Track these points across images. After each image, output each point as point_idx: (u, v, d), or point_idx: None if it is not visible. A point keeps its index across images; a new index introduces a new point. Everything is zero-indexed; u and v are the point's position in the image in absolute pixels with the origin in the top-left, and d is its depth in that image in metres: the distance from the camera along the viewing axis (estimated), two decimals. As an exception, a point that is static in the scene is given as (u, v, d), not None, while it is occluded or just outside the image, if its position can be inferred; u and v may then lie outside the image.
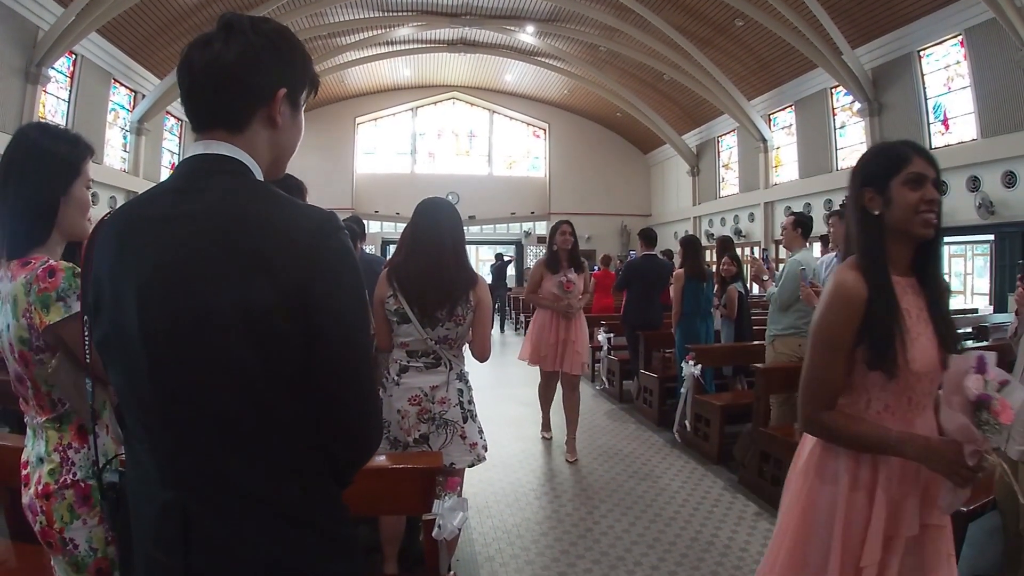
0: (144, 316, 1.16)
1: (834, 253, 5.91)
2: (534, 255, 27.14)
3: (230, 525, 1.17)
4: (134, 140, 16.22)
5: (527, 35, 19.48)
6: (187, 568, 1.16)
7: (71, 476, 1.84)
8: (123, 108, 15.94)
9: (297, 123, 1.38)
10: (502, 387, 9.57)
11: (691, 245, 7.37)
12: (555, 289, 5.87)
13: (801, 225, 5.76)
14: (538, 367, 6.25)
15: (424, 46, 21.11)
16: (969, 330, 8.54)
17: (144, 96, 16.17)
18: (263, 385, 1.16)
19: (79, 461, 1.86)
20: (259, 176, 1.29)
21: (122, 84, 15.61)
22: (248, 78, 1.25)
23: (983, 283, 13.09)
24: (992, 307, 11.90)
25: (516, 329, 17.74)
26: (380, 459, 2.65)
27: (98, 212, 1.78)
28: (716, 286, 7.46)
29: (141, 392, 1.19)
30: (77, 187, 1.91)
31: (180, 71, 1.27)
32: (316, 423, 1.23)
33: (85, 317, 1.36)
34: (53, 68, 12.73)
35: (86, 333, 1.40)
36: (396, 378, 3.20)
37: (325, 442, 1.25)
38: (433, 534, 2.46)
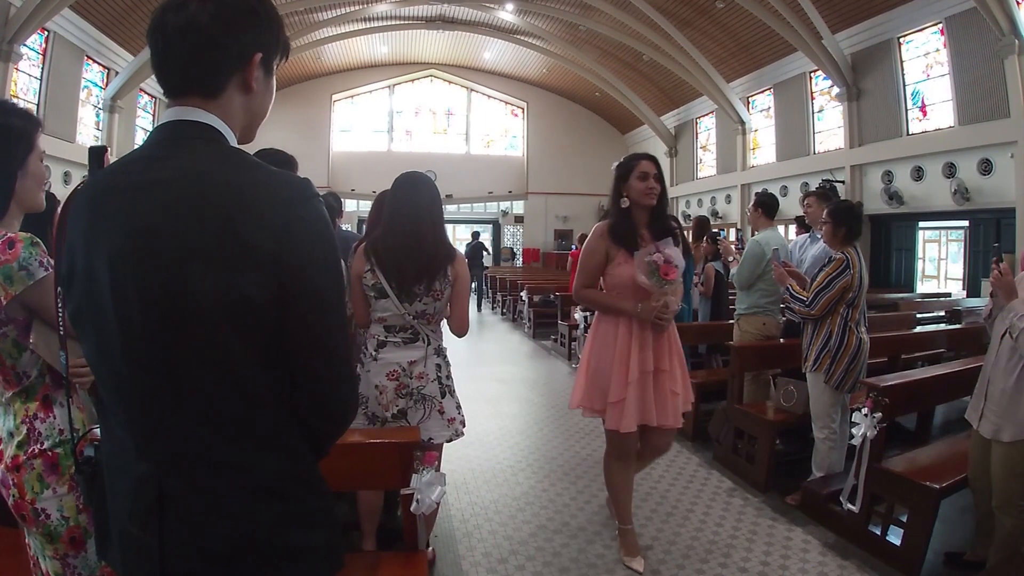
0: (116, 287, 1.14)
1: (808, 234, 5.94)
2: (511, 234, 27.09)
3: (205, 497, 1.17)
4: (107, 118, 15.89)
5: (506, 13, 19.34)
6: (162, 542, 1.15)
7: (38, 446, 1.84)
8: (96, 85, 15.60)
9: (270, 88, 1.36)
10: (480, 364, 9.59)
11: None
12: (644, 278, 3.27)
13: (763, 206, 5.78)
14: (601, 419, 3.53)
15: (402, 23, 20.90)
16: (942, 313, 8.67)
17: (117, 73, 15.85)
18: (238, 356, 1.15)
19: (45, 431, 1.86)
20: (233, 143, 1.27)
21: (95, 61, 15.28)
22: (224, 42, 1.22)
23: (957, 268, 13.29)
24: (965, 292, 12.11)
25: (493, 308, 17.67)
26: (358, 435, 2.65)
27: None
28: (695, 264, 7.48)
29: (115, 365, 1.17)
30: (33, 160, 1.91)
31: (152, 34, 1.23)
32: (292, 395, 1.22)
33: (59, 289, 1.33)
34: (25, 45, 12.40)
35: (60, 306, 1.37)
36: (374, 353, 3.18)
37: (301, 414, 1.24)
38: (411, 508, 2.47)
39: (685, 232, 7.25)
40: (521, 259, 26.74)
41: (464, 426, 3.33)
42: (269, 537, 1.20)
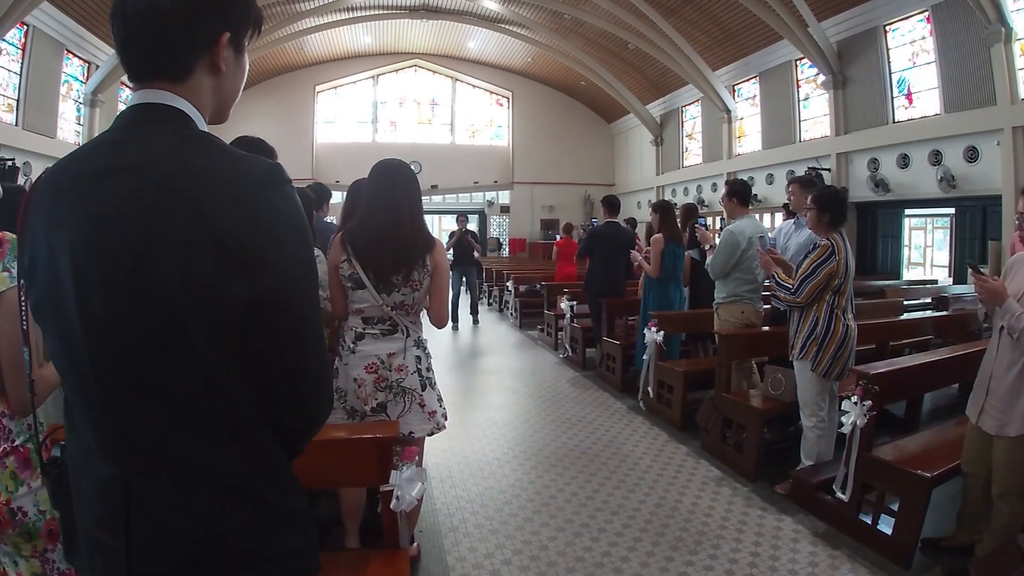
0: (78, 278, 1.09)
1: (792, 220, 5.90)
2: (497, 224, 27.07)
3: (173, 500, 1.12)
4: (88, 112, 15.59)
5: (490, 1, 19.26)
6: (129, 547, 1.11)
7: (9, 444, 1.83)
8: (76, 80, 15.35)
9: (241, 67, 1.30)
10: (465, 354, 9.55)
11: (666, 210, 7.29)
12: None
13: (736, 194, 5.75)
14: None
15: (385, 12, 20.74)
16: (929, 300, 8.69)
17: (98, 67, 15.55)
18: (206, 350, 1.10)
19: (15, 428, 1.85)
20: (202, 126, 1.22)
21: (75, 55, 15.03)
22: (188, 24, 1.16)
23: (943, 256, 13.33)
24: (952, 279, 12.13)
25: (480, 299, 17.29)
26: (336, 430, 2.58)
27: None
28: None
29: (78, 360, 1.12)
30: None
31: (113, 19, 1.17)
32: (263, 390, 1.17)
33: (21, 281, 1.26)
34: (4, 40, 12.22)
35: (23, 298, 1.30)
36: (352, 346, 3.10)
37: (273, 410, 1.19)
38: (391, 505, 2.40)
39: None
40: (507, 249, 26.72)
41: (446, 419, 3.26)
42: (240, 540, 1.15)
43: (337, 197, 24.01)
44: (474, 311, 13.01)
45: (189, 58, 1.19)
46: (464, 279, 12.52)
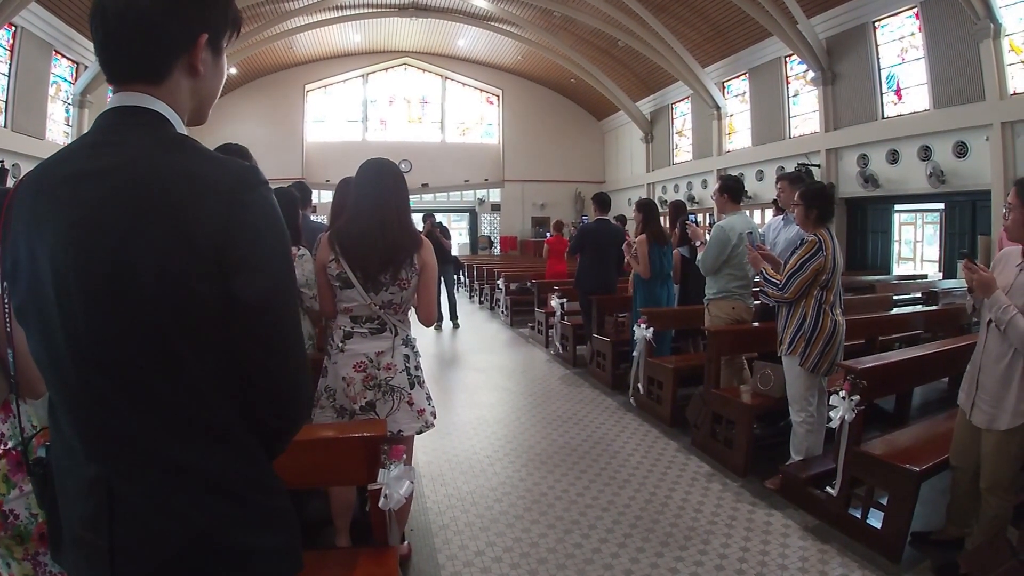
0: (58, 279, 1.09)
1: (782, 216, 5.91)
2: (488, 222, 27.09)
3: (156, 499, 1.13)
4: (77, 113, 15.51)
5: (480, -1, 19.21)
6: (113, 547, 1.11)
7: (2, 446, 1.84)
8: (65, 81, 15.28)
9: (219, 68, 1.30)
10: (456, 352, 9.54)
11: (650, 209, 7.28)
12: None
13: (728, 190, 5.74)
14: None
15: (374, 11, 20.73)
16: (919, 295, 8.73)
17: (86, 67, 15.46)
18: (185, 352, 1.10)
19: (8, 431, 1.86)
20: (180, 128, 1.22)
21: (63, 56, 14.97)
22: (166, 25, 1.16)
23: (933, 251, 13.37)
24: (942, 273, 12.19)
25: (471, 297, 17.46)
26: (324, 429, 2.58)
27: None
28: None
29: (60, 361, 1.13)
30: None
31: (92, 20, 1.17)
32: (242, 391, 1.18)
33: (4, 284, 1.25)
34: (-9, 41, 12.13)
35: (6, 301, 1.29)
36: (340, 344, 3.10)
37: (253, 411, 1.20)
38: (379, 504, 2.39)
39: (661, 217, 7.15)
40: (499, 247, 26.73)
41: (435, 417, 3.26)
42: (223, 539, 1.16)
43: (327, 196, 23.84)
44: (453, 315, 12.10)
45: (167, 59, 1.19)
46: (442, 278, 10.75)
